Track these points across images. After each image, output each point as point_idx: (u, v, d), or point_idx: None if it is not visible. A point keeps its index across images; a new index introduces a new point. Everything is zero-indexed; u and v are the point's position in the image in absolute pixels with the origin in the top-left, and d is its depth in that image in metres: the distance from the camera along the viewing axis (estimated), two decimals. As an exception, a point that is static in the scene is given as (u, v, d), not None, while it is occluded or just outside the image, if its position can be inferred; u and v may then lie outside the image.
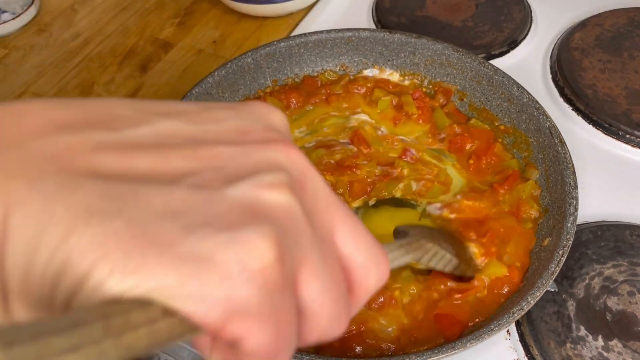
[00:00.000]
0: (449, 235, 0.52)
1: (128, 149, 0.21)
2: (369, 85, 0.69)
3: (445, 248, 0.48)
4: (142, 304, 0.18)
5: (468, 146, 0.63)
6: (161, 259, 0.18)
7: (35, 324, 0.16)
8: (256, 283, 0.19)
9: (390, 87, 0.69)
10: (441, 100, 0.67)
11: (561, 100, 0.71)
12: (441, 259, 0.47)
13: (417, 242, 0.45)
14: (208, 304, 0.19)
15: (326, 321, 0.22)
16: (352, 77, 0.70)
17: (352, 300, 0.25)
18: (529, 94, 0.61)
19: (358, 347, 0.50)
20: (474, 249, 0.54)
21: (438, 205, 0.58)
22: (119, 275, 0.18)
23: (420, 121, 0.65)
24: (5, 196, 0.19)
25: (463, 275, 0.50)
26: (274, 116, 0.26)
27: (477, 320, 0.51)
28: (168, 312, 0.18)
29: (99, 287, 0.18)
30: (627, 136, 0.66)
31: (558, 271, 0.48)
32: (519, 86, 0.62)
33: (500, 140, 0.63)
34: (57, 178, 0.19)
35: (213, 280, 0.19)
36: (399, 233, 0.48)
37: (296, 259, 0.21)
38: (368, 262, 0.24)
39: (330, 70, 0.71)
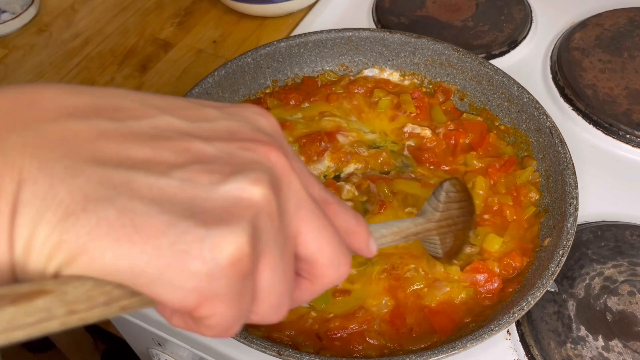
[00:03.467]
0: (466, 223, 0.51)
1: (127, 139, 0.23)
2: (369, 85, 0.69)
3: (445, 243, 0.48)
4: (108, 286, 0.21)
5: (462, 140, 0.63)
6: (145, 248, 0.21)
7: (9, 303, 0.19)
8: (227, 276, 0.22)
9: (390, 87, 0.69)
10: (440, 99, 0.67)
11: (561, 100, 0.71)
12: (431, 247, 0.48)
13: (427, 233, 0.45)
14: (182, 293, 0.22)
15: (270, 306, 0.26)
16: (352, 78, 0.70)
17: (309, 289, 0.29)
18: (529, 93, 0.61)
19: (360, 346, 0.50)
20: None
21: None
22: (107, 259, 0.21)
23: (419, 120, 0.65)
24: (19, 173, 0.21)
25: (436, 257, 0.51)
26: (263, 120, 0.28)
27: (468, 320, 0.51)
28: (134, 294, 0.22)
29: (87, 268, 0.21)
30: (627, 136, 0.66)
31: (558, 271, 0.48)
32: (519, 86, 0.62)
33: (494, 131, 0.63)
34: (63, 162, 0.21)
35: (188, 272, 0.21)
36: (438, 192, 0.47)
37: (260, 251, 0.24)
38: (328, 264, 0.28)
39: (330, 70, 0.71)
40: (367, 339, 0.50)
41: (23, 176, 0.21)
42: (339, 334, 0.50)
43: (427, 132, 0.64)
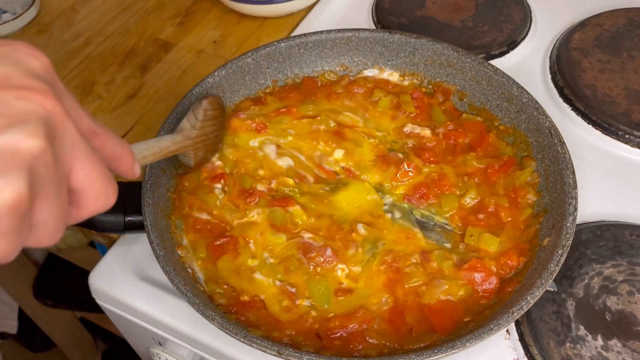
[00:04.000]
0: (218, 138, 0.59)
1: None
2: (369, 85, 0.69)
3: (197, 155, 0.55)
4: None
5: (462, 140, 0.63)
6: None
7: None
8: (7, 218, 0.26)
9: (390, 87, 0.69)
10: (440, 99, 0.67)
11: (561, 100, 0.72)
12: (185, 159, 0.54)
13: (184, 148, 0.51)
14: None
15: (45, 236, 0.30)
16: (352, 78, 0.70)
17: (77, 216, 0.33)
18: (528, 94, 0.61)
19: (360, 346, 0.50)
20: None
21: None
22: None
23: (419, 120, 0.65)
24: None
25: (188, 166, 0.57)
26: (35, 62, 0.30)
27: (467, 319, 0.51)
28: None
29: None
30: (627, 136, 0.67)
31: (557, 271, 0.48)
32: (519, 86, 0.62)
33: (493, 131, 0.64)
34: None
35: None
36: (197, 109, 0.53)
37: (37, 193, 0.28)
38: (97, 195, 0.32)
39: (330, 71, 0.71)
40: (367, 338, 0.50)
41: None
42: (339, 333, 0.50)
43: (427, 132, 0.64)
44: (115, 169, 0.36)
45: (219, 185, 0.60)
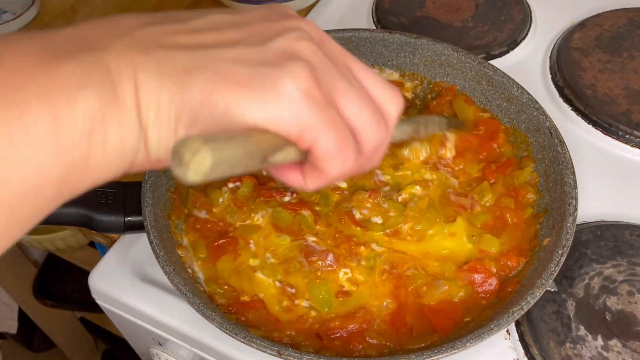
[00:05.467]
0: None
1: (196, 32, 0.30)
2: None
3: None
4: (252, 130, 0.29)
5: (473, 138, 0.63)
6: (244, 92, 0.28)
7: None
8: (308, 100, 0.29)
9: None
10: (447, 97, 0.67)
11: (561, 100, 0.72)
12: (433, 123, 0.53)
13: (413, 120, 0.51)
14: (284, 123, 0.29)
15: (370, 129, 0.32)
16: None
17: (363, 148, 0.34)
18: (528, 94, 0.61)
19: (360, 346, 0.50)
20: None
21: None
22: (219, 106, 0.28)
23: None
24: (132, 62, 0.28)
25: (457, 128, 0.59)
26: (288, 9, 0.35)
27: (467, 319, 0.51)
28: (267, 131, 0.29)
29: (209, 117, 0.28)
30: (627, 136, 0.67)
31: (557, 271, 0.48)
32: (519, 86, 0.62)
33: (502, 132, 0.63)
34: (159, 51, 0.28)
35: (283, 102, 0.29)
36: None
37: (328, 85, 0.31)
38: (385, 94, 0.34)
39: None
40: (367, 338, 0.50)
41: (135, 63, 0.28)
42: (339, 334, 0.50)
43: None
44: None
45: (230, 185, 0.60)
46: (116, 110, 0.27)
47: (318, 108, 0.29)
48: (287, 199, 0.58)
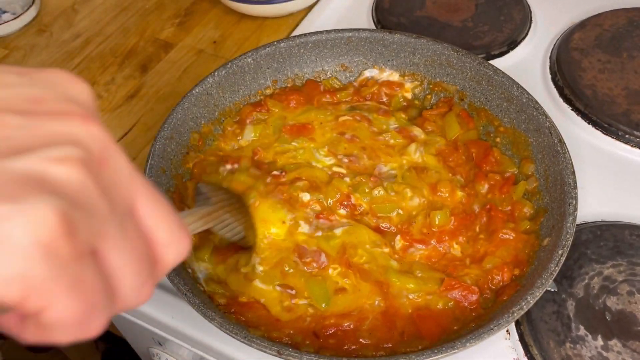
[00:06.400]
0: (241, 203, 0.56)
1: None
2: (374, 90, 0.69)
3: (238, 220, 0.53)
4: None
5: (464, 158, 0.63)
6: None
7: None
8: (47, 256, 0.19)
9: (395, 88, 0.69)
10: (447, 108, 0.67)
11: (561, 100, 0.72)
12: (232, 230, 0.52)
13: (217, 212, 0.49)
14: (2, 284, 0.19)
15: (130, 288, 0.23)
16: (355, 85, 0.70)
17: (157, 265, 0.26)
18: (528, 94, 0.61)
19: (353, 346, 0.50)
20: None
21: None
22: None
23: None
24: None
25: (245, 245, 0.55)
26: (74, 87, 0.25)
27: (456, 327, 0.51)
28: None
29: None
30: (627, 136, 0.67)
31: (557, 271, 0.48)
32: (519, 86, 0.62)
33: (495, 147, 0.63)
34: None
35: (5, 259, 0.19)
36: (200, 194, 0.53)
37: (93, 232, 0.21)
38: (169, 238, 0.25)
39: (335, 77, 0.71)
40: (360, 339, 0.50)
41: None
42: (334, 331, 0.51)
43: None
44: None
45: (228, 166, 0.61)
46: None
47: (58, 267, 0.20)
48: None
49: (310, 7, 0.87)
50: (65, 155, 0.21)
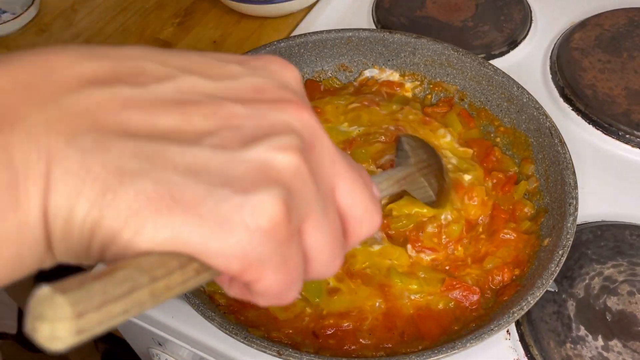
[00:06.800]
0: (440, 165, 0.54)
1: (153, 106, 0.22)
2: (374, 89, 0.69)
3: (431, 184, 0.52)
4: (171, 255, 0.21)
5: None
6: (186, 218, 0.21)
7: (93, 279, 0.19)
8: (267, 239, 0.22)
9: (395, 88, 0.69)
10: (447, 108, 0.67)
11: (561, 100, 0.72)
12: (424, 193, 0.52)
13: (413, 175, 0.49)
14: (228, 258, 0.22)
15: (324, 263, 0.27)
16: (355, 84, 0.70)
17: (346, 243, 0.29)
18: (528, 94, 0.61)
19: (353, 346, 0.50)
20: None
21: None
22: (149, 231, 0.21)
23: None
24: (46, 151, 0.20)
25: (435, 207, 0.55)
26: (288, 74, 0.27)
27: (457, 327, 0.51)
28: (192, 260, 0.22)
29: (131, 242, 0.21)
30: (627, 136, 0.66)
31: (558, 271, 0.48)
32: (519, 86, 0.62)
33: (496, 146, 0.63)
34: (92, 135, 0.21)
35: (232, 239, 0.22)
36: (402, 150, 0.52)
37: (301, 214, 0.24)
38: (362, 215, 0.28)
39: (335, 77, 0.71)
40: (360, 339, 0.50)
41: (51, 154, 0.20)
42: (333, 331, 0.51)
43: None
44: None
45: None
46: (14, 217, 0.20)
47: (276, 245, 0.23)
48: None
49: (310, 7, 0.87)
50: (286, 144, 0.24)
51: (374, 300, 0.52)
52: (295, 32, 0.83)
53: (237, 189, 0.22)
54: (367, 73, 0.71)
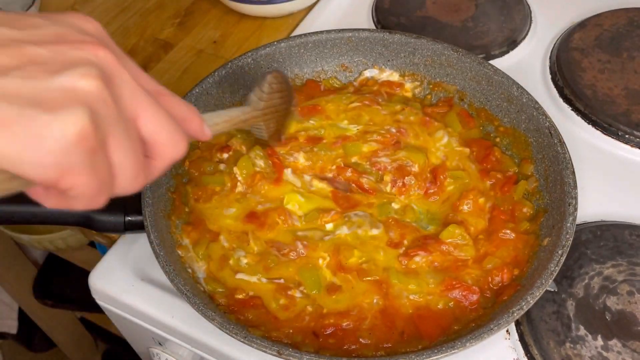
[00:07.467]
0: (287, 110, 0.57)
1: None
2: (375, 88, 0.69)
3: (269, 127, 0.54)
4: None
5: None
6: (1, 135, 0.26)
7: None
8: (76, 149, 0.27)
9: (395, 88, 0.69)
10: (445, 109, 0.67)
11: (561, 100, 0.72)
12: (258, 132, 0.55)
13: (253, 119, 0.51)
14: (43, 169, 0.27)
15: (127, 178, 0.32)
16: (355, 84, 0.70)
17: (154, 164, 0.34)
18: (528, 94, 0.61)
19: (353, 346, 0.50)
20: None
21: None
22: None
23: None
24: None
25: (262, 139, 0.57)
26: (87, 24, 0.33)
27: (456, 327, 0.51)
28: (4, 171, 0.27)
29: None
30: (627, 136, 0.67)
31: (557, 271, 0.48)
32: (519, 86, 0.62)
33: (495, 145, 0.63)
34: None
35: (45, 150, 0.27)
36: (262, 85, 0.52)
37: (104, 131, 0.29)
38: (166, 141, 0.34)
39: (335, 77, 0.71)
40: (360, 339, 0.50)
41: None
42: (333, 331, 0.51)
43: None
44: (184, 129, 0.36)
45: (225, 155, 0.62)
46: None
47: (84, 156, 0.28)
48: None
49: (310, 7, 0.87)
50: (87, 72, 0.29)
51: (371, 297, 0.53)
52: (295, 32, 0.83)
53: (46, 109, 0.27)
54: (367, 73, 0.71)
